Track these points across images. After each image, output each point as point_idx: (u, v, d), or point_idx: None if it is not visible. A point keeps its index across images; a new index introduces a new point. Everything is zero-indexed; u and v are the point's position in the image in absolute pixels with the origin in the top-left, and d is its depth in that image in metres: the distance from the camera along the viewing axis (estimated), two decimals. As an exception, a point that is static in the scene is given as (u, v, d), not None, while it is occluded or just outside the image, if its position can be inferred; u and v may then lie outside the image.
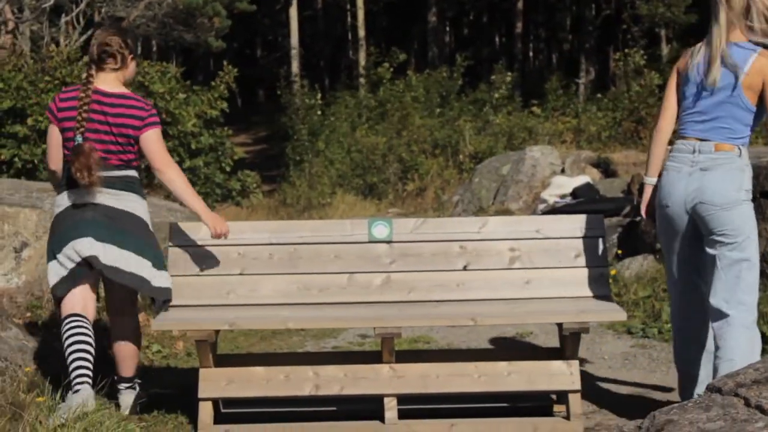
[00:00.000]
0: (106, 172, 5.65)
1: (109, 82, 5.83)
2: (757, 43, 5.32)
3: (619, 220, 11.39)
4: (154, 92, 14.34)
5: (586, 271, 6.05)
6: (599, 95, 28.73)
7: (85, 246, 5.61)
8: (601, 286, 6.01)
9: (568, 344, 5.82)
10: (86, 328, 5.64)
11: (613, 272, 9.66)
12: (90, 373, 5.59)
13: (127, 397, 6.03)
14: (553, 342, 6.89)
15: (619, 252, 10.55)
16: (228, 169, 16.60)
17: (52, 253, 5.73)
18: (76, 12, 24.94)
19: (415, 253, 6.15)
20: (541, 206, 13.72)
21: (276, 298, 6.04)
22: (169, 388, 6.63)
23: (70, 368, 5.58)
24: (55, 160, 5.83)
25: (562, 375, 5.82)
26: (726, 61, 5.31)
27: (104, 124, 5.71)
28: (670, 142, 5.66)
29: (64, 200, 5.75)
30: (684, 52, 5.69)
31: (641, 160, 15.26)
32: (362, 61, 39.41)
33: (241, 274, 6.09)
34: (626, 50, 27.23)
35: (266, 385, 5.85)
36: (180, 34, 26.89)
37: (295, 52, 37.10)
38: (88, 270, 5.69)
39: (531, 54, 51.59)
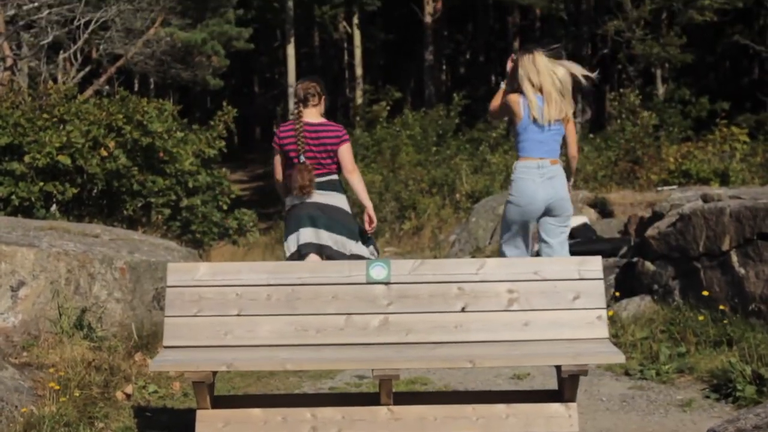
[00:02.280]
0: (319, 179, 8.11)
1: (312, 115, 8.22)
2: None
3: (617, 261, 11.36)
4: (152, 131, 14.35)
5: (584, 313, 6.04)
6: (593, 135, 28.81)
7: (306, 235, 8.11)
8: (600, 328, 6.00)
9: (566, 386, 5.80)
10: None
11: (610, 313, 9.63)
12: None
13: None
14: (552, 384, 6.86)
15: (617, 294, 10.52)
16: (225, 207, 16.59)
17: (287, 236, 8.28)
18: (74, 49, 25.02)
19: (413, 294, 6.13)
20: (538, 246, 13.69)
21: (274, 339, 6.01)
22: (166, 430, 6.59)
23: None
24: (280, 174, 8.35)
25: (560, 417, 5.81)
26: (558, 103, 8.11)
27: (315, 146, 8.10)
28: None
29: (293, 200, 8.21)
30: (514, 99, 8.24)
31: (638, 200, 15.30)
32: (359, 99, 39.53)
33: (238, 315, 6.07)
34: (621, 90, 27.30)
35: (263, 427, 5.83)
36: (178, 71, 26.97)
37: (291, 90, 37.17)
38: (311, 247, 8.08)
39: (527, 93, 51.69)
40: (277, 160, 8.35)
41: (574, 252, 12.40)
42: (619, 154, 22.51)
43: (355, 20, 43.05)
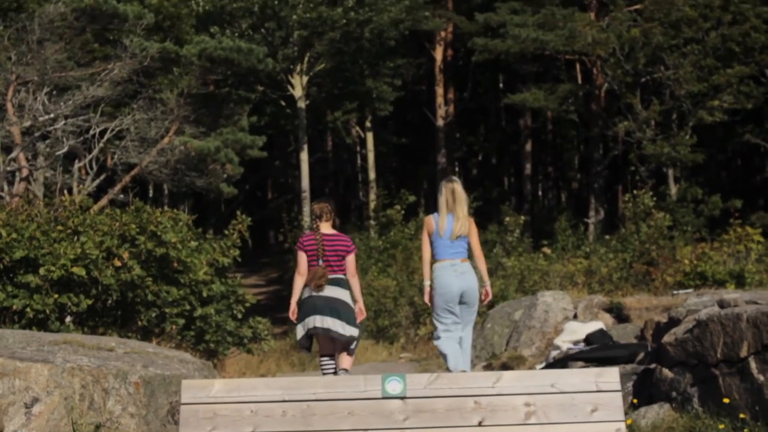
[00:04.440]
0: (331, 276, 9.96)
1: (326, 228, 10.19)
2: None
3: (634, 368, 11.27)
4: (165, 241, 14.38)
5: (602, 426, 5.99)
6: (609, 236, 28.81)
7: (317, 320, 9.77)
8: (619, 441, 5.93)
9: (586, 503, 5.72)
10: (332, 360, 9.89)
11: (629, 422, 9.52)
12: None
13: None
14: (571, 498, 6.76)
15: (635, 401, 10.42)
16: (240, 316, 16.54)
17: (302, 319, 9.86)
18: (89, 158, 25.22)
19: (429, 408, 6.09)
20: (554, 352, 13.61)
21: (289, 458, 5.95)
22: None
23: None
24: (303, 273, 10.00)
25: None
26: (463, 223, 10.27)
27: (330, 252, 10.04)
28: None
29: (306, 292, 9.96)
30: (428, 220, 10.41)
31: (654, 304, 15.20)
32: (372, 203, 39.69)
33: (253, 433, 6.02)
34: (635, 191, 27.36)
35: None
36: (192, 179, 27.12)
37: (305, 195, 37.40)
38: (323, 331, 9.75)
39: (540, 193, 51.95)
40: (303, 259, 10.17)
41: (591, 358, 12.35)
42: (634, 256, 22.47)
43: (368, 124, 43.39)
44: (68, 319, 13.99)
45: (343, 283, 10.23)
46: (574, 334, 13.91)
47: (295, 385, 6.21)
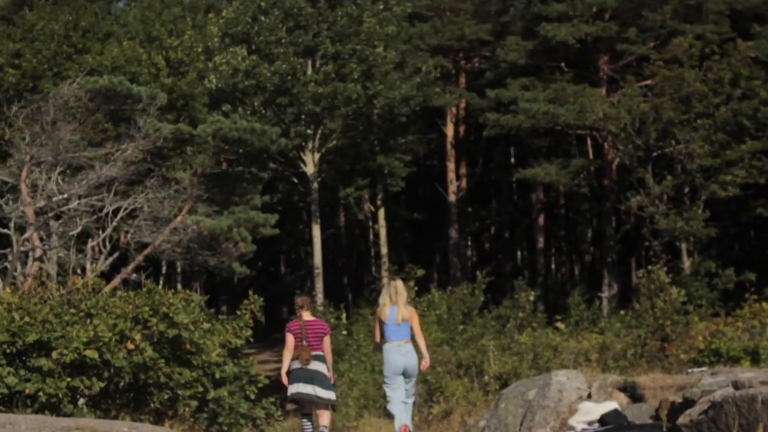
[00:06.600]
0: (313, 353, 12.64)
1: (307, 315, 12.92)
2: None
3: (650, 449, 11.21)
4: (178, 322, 14.39)
5: None
6: (623, 312, 28.73)
7: (305, 387, 12.55)
8: None
9: None
10: (311, 418, 12.71)
11: (645, 506, 9.44)
12: None
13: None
14: None
15: (652, 483, 10.35)
16: (253, 397, 16.49)
17: (293, 383, 12.60)
18: (102, 237, 25.35)
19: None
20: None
21: None
22: None
23: None
24: (290, 350, 12.67)
25: None
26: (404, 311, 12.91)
27: (312, 334, 12.75)
28: None
29: (295, 365, 12.62)
30: (378, 308, 13.18)
31: (668, 383, 15.11)
32: (384, 279, 39.71)
33: None
34: (650, 267, 27.29)
35: None
36: (204, 258, 27.20)
37: (318, 271, 37.46)
38: (306, 396, 12.56)
39: (553, 266, 51.90)
40: (291, 339, 12.77)
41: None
42: (648, 333, 22.37)
43: (379, 200, 43.53)
44: (81, 401, 13.96)
45: (322, 358, 13.02)
46: (588, 414, 13.83)
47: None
